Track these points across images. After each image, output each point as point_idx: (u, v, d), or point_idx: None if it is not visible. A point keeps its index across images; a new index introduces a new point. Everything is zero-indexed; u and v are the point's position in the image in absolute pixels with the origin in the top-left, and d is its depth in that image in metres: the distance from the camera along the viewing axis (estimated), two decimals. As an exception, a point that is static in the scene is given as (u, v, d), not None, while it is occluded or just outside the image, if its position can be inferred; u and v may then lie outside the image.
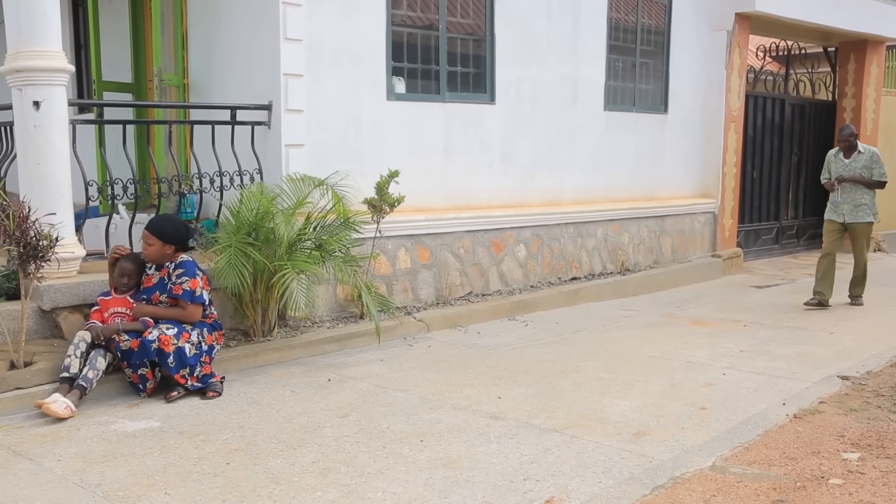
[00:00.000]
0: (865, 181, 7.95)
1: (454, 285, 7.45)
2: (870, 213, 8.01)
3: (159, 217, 5.30)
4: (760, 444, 4.18)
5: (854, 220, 7.99)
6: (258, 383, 5.23)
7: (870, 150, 8.05)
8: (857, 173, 7.98)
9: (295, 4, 6.31)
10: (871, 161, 7.98)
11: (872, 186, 7.99)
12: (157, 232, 5.04)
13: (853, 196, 8.00)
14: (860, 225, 8.01)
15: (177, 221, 5.31)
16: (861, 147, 8.05)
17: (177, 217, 5.58)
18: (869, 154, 8.00)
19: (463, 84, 7.60)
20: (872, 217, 8.03)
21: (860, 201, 8.00)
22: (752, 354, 6.08)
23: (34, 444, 4.11)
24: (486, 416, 4.61)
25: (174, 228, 5.14)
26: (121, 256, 5.15)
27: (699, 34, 9.96)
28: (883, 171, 7.98)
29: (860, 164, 8.01)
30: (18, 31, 5.16)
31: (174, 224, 5.21)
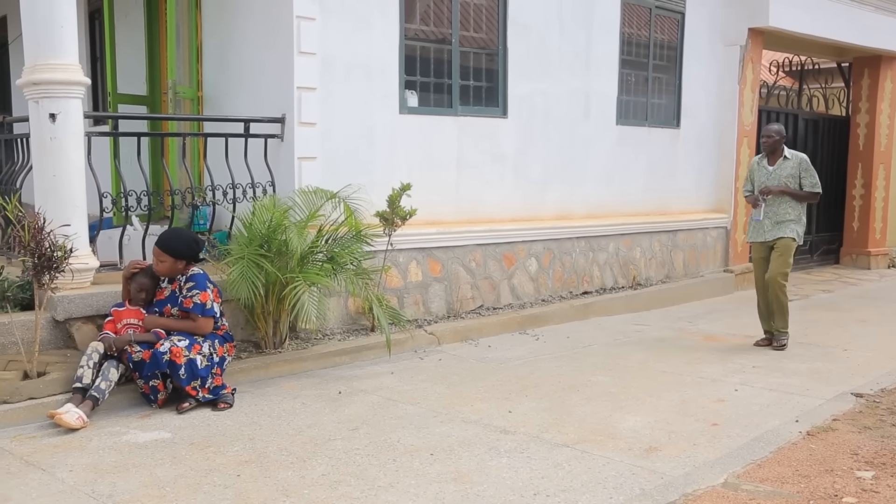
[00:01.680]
0: (794, 193, 6.75)
1: (465, 298, 7.45)
2: (795, 227, 6.76)
3: (169, 233, 5.27)
4: (773, 461, 4.15)
5: (776, 235, 6.77)
6: (269, 395, 5.23)
7: (798, 156, 6.85)
8: (783, 183, 6.77)
9: (309, 18, 6.35)
10: (800, 169, 6.75)
11: (803, 199, 6.80)
12: (167, 248, 5.04)
13: (776, 210, 6.78)
14: (782, 241, 6.75)
15: (186, 236, 5.26)
16: (788, 152, 6.85)
17: (187, 231, 5.55)
18: (797, 161, 6.79)
19: (475, 98, 7.62)
20: (797, 234, 6.75)
21: (784, 217, 6.75)
22: (764, 370, 6.05)
23: (47, 454, 4.12)
24: (497, 430, 4.60)
25: (184, 244, 5.11)
26: (138, 271, 5.17)
27: (712, 49, 9.95)
28: (815, 181, 6.74)
29: (786, 172, 6.78)
30: (36, 45, 5.21)
31: (184, 240, 5.16)
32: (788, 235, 6.73)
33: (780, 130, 6.89)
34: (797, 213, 6.79)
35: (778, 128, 6.90)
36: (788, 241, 6.74)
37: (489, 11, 7.67)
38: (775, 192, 6.73)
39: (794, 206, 6.77)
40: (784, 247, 6.75)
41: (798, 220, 6.80)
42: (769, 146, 6.84)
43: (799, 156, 6.85)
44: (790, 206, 6.76)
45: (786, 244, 6.74)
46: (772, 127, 6.90)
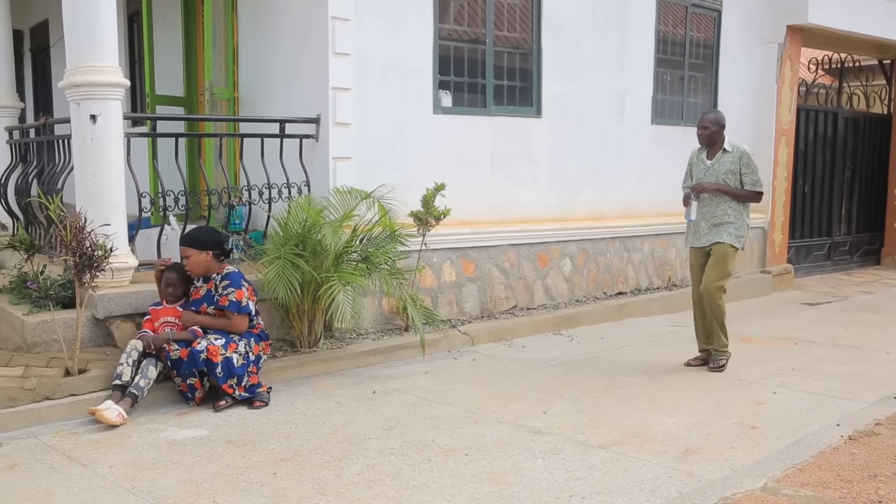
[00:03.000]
0: (732, 192, 5.91)
1: (499, 299, 7.44)
2: (735, 232, 5.93)
3: (189, 231, 5.34)
4: (814, 465, 4.09)
5: (713, 240, 5.96)
6: (304, 394, 5.27)
7: (739, 149, 5.97)
8: (721, 180, 5.94)
9: (343, 19, 6.39)
10: (740, 164, 5.92)
11: (742, 199, 5.96)
12: (190, 242, 5.10)
13: (713, 211, 5.95)
14: (719, 245, 5.93)
15: (207, 227, 5.33)
16: (728, 145, 5.99)
17: (206, 225, 5.58)
18: (737, 154, 5.94)
19: (509, 98, 7.60)
20: (737, 239, 5.94)
21: (722, 218, 5.93)
22: (803, 373, 5.95)
23: (88, 450, 4.19)
24: (532, 430, 4.59)
25: (205, 233, 5.18)
26: (165, 268, 5.24)
27: (749, 47, 9.83)
28: (756, 179, 5.91)
29: (724, 167, 5.94)
30: (78, 48, 5.30)
31: (204, 230, 5.27)
32: (725, 241, 5.90)
33: (717, 120, 5.98)
34: (737, 215, 5.95)
35: (714, 117, 6.00)
36: (725, 248, 5.91)
37: (523, 11, 7.64)
38: (710, 190, 5.91)
39: (734, 206, 5.94)
40: (720, 254, 5.93)
41: (738, 222, 5.94)
42: (705, 138, 5.99)
43: (740, 149, 5.98)
44: (729, 207, 5.93)
45: (722, 251, 5.92)
46: (707, 116, 6.03)
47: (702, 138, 6.01)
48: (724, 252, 5.92)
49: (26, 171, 6.97)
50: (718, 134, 5.98)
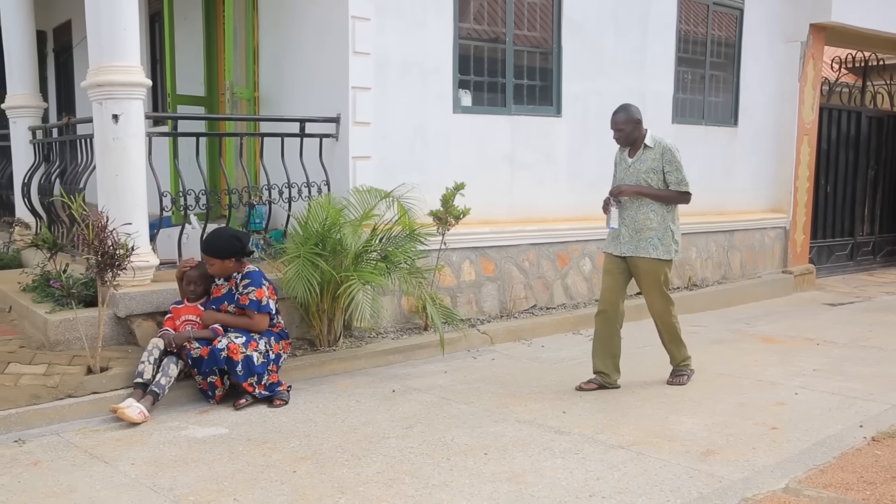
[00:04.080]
0: (654, 193, 5.26)
1: (518, 298, 7.42)
2: (658, 243, 5.27)
3: (210, 235, 5.25)
4: (836, 466, 4.05)
5: (635, 252, 5.31)
6: (324, 393, 5.28)
7: (661, 144, 5.29)
8: (642, 179, 5.31)
9: (364, 19, 6.40)
10: (663, 161, 5.25)
11: (667, 201, 5.30)
12: (211, 252, 5.07)
13: (634, 216, 5.30)
14: (643, 261, 5.30)
15: (227, 235, 5.19)
16: (650, 139, 5.31)
17: (226, 229, 5.47)
18: (659, 151, 5.27)
19: (529, 97, 7.58)
20: (662, 250, 5.28)
21: (644, 224, 5.28)
22: (825, 374, 5.90)
23: (110, 448, 4.22)
24: (551, 430, 4.57)
25: (225, 243, 5.09)
26: (188, 270, 5.26)
27: (772, 45, 9.75)
28: (681, 177, 5.26)
29: (645, 166, 5.29)
30: (100, 48, 5.34)
31: (224, 239, 5.13)
32: (650, 255, 5.27)
33: (628, 118, 5.29)
34: (660, 220, 5.27)
35: (625, 115, 5.30)
36: (653, 267, 5.29)
37: (543, 10, 7.62)
38: (629, 193, 5.27)
39: (658, 210, 5.27)
40: (651, 276, 5.33)
41: (661, 228, 5.28)
42: (622, 139, 5.36)
43: (663, 144, 5.29)
44: (651, 211, 5.27)
45: (651, 272, 5.31)
46: (617, 116, 5.33)
47: (619, 140, 5.39)
48: (655, 272, 5.32)
49: (49, 170, 7.05)
50: (636, 130, 5.32)
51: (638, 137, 5.34)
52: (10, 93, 7.93)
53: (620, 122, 5.31)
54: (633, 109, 5.34)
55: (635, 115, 5.31)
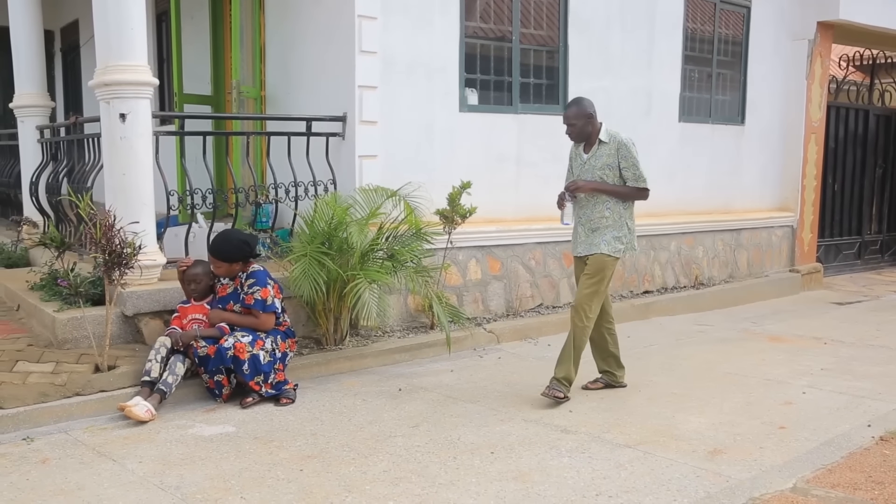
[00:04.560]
0: (610, 190, 5.08)
1: (525, 297, 7.42)
2: (612, 239, 5.09)
3: (219, 237, 5.19)
4: (844, 466, 4.03)
5: (588, 251, 5.15)
6: (330, 391, 5.29)
7: (617, 138, 5.07)
8: (597, 176, 5.10)
9: (370, 18, 6.40)
10: (619, 156, 5.05)
11: (624, 197, 5.13)
12: (218, 254, 5.06)
13: (590, 214, 5.14)
14: (595, 257, 5.11)
15: (236, 239, 5.13)
16: (605, 134, 5.10)
17: (236, 232, 5.37)
18: (615, 146, 5.06)
19: (535, 95, 7.57)
20: (613, 247, 5.08)
21: (600, 222, 5.10)
22: (833, 373, 5.88)
23: (117, 446, 4.24)
24: (557, 429, 4.57)
25: (235, 248, 5.06)
26: (185, 269, 5.26)
27: (778, 44, 9.72)
28: (638, 173, 5.06)
29: (601, 161, 5.09)
30: (108, 47, 5.35)
31: (234, 244, 5.08)
32: (602, 251, 5.07)
33: (579, 112, 5.07)
34: (617, 217, 5.11)
35: (576, 109, 5.09)
36: (601, 259, 5.07)
37: (550, 8, 7.61)
38: (586, 189, 5.09)
39: (614, 207, 5.09)
40: (596, 266, 5.07)
41: (617, 226, 5.11)
42: (575, 135, 5.17)
43: (618, 138, 5.07)
44: (607, 209, 5.09)
45: (598, 263, 5.07)
46: (569, 111, 5.14)
47: (571, 136, 5.20)
48: (601, 264, 5.07)
49: (57, 169, 7.07)
50: (588, 125, 5.10)
51: (592, 132, 5.13)
52: (18, 92, 7.96)
53: (571, 117, 5.11)
54: (586, 103, 5.13)
55: (587, 109, 5.09)
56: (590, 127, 5.11)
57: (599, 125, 5.13)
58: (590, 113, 5.09)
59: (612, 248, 5.08)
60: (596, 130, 5.12)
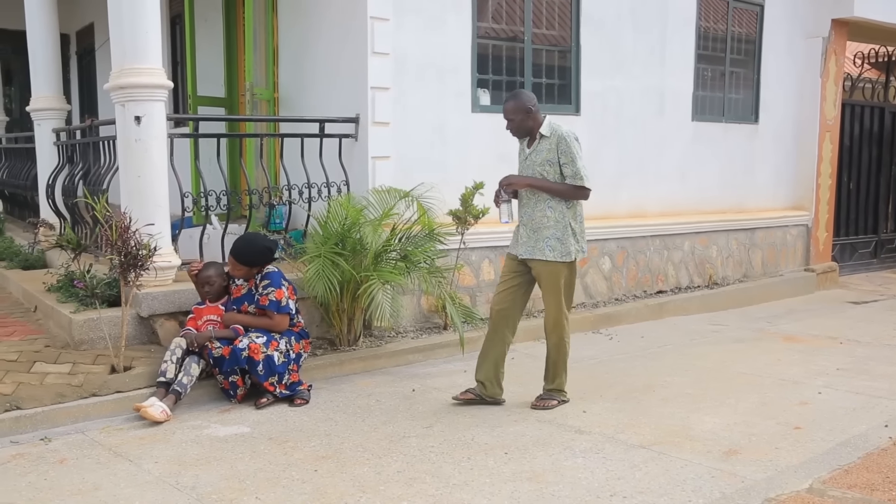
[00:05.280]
0: (546, 187, 4.76)
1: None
2: (556, 244, 4.76)
3: (243, 241, 5.24)
4: (861, 467, 4.01)
5: (531, 254, 4.82)
6: (344, 392, 5.30)
7: (558, 131, 4.75)
8: (537, 172, 4.81)
9: (382, 19, 6.41)
10: (558, 151, 4.73)
11: (561, 195, 4.76)
12: (240, 258, 5.10)
13: (531, 214, 4.84)
14: (539, 264, 4.82)
15: (260, 245, 5.18)
16: (547, 127, 4.80)
17: (260, 238, 5.42)
18: (555, 140, 4.74)
19: (548, 95, 7.57)
20: (561, 251, 4.76)
21: (541, 222, 4.79)
22: (850, 373, 5.85)
23: (133, 446, 4.27)
24: (571, 429, 4.57)
25: (258, 253, 5.12)
26: (198, 272, 5.29)
27: (792, 42, 9.67)
28: (576, 170, 4.70)
29: (541, 156, 4.80)
30: (123, 50, 5.39)
31: (257, 249, 5.14)
32: (548, 258, 4.76)
33: (517, 106, 4.81)
34: (559, 218, 4.76)
35: (514, 104, 4.83)
36: (552, 270, 4.78)
37: (562, 8, 7.61)
38: (520, 186, 4.83)
39: (556, 206, 4.76)
40: (548, 279, 4.81)
41: (558, 227, 4.76)
42: (515, 130, 4.90)
43: (559, 131, 4.75)
44: (549, 208, 4.77)
45: (550, 276, 4.79)
46: (507, 105, 4.87)
47: (511, 131, 4.93)
48: (553, 276, 4.80)
49: (73, 171, 7.12)
50: (528, 120, 4.82)
51: (532, 127, 4.84)
52: (35, 95, 8.02)
53: (509, 111, 4.84)
54: (524, 97, 4.86)
55: (525, 104, 4.81)
56: (530, 122, 4.83)
57: (543, 119, 4.86)
58: (528, 107, 4.81)
59: (559, 254, 4.77)
60: (538, 124, 4.84)
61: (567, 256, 4.78)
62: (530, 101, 4.84)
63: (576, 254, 4.83)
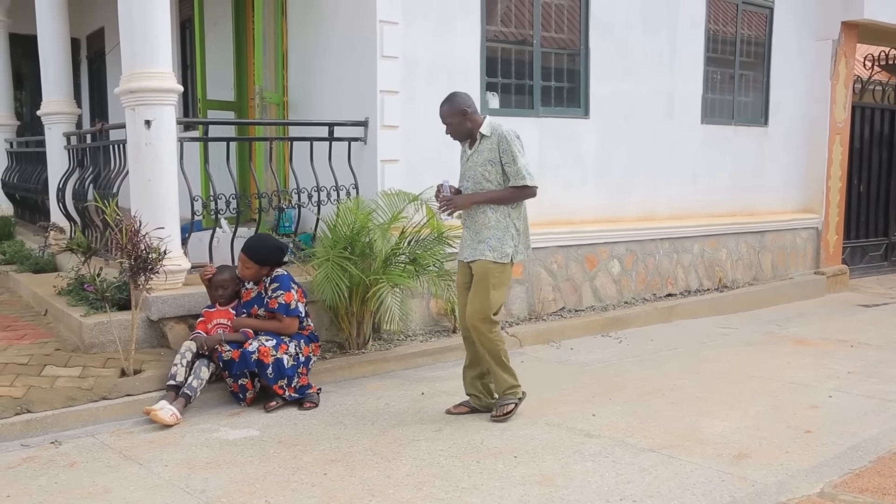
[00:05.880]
0: (486, 199, 4.65)
1: (547, 300, 7.40)
2: (497, 244, 4.62)
3: (255, 240, 5.32)
4: (873, 471, 3.99)
5: (473, 256, 4.69)
6: (353, 395, 5.30)
7: (498, 130, 4.63)
8: (478, 173, 4.67)
9: (392, 23, 6.42)
10: (500, 150, 4.61)
11: (508, 201, 4.65)
12: (254, 256, 5.13)
13: (474, 216, 4.71)
14: (476, 264, 4.67)
15: (272, 244, 5.26)
16: (487, 127, 4.67)
17: (272, 238, 5.52)
18: (496, 140, 4.61)
19: (557, 99, 7.57)
20: (499, 253, 4.62)
21: (483, 224, 4.67)
22: (860, 376, 5.82)
23: (143, 449, 4.28)
24: (581, 433, 4.56)
25: (270, 252, 5.17)
26: (211, 276, 5.32)
27: (802, 44, 9.65)
28: (518, 168, 4.57)
29: (482, 157, 4.67)
30: (133, 54, 5.41)
31: (270, 247, 5.20)
32: (486, 257, 4.62)
33: (453, 110, 4.67)
34: (500, 217, 4.64)
35: (449, 108, 4.69)
36: (485, 267, 4.62)
37: (571, 11, 7.61)
38: (462, 208, 4.74)
39: (498, 206, 4.66)
40: (479, 275, 4.64)
41: (502, 227, 4.64)
42: (451, 134, 4.79)
43: (499, 130, 4.62)
44: (491, 208, 4.65)
45: (482, 271, 4.63)
46: (441, 109, 4.75)
47: (450, 135, 4.82)
48: (484, 272, 4.62)
49: (83, 175, 7.14)
50: (465, 122, 4.70)
51: (472, 128, 4.71)
52: (46, 99, 8.06)
53: (445, 115, 4.73)
54: (459, 99, 4.71)
55: (460, 106, 4.67)
56: (468, 123, 4.70)
57: (482, 119, 4.72)
58: (463, 109, 4.67)
59: (497, 255, 4.62)
60: (477, 125, 4.70)
61: (504, 258, 4.64)
62: (465, 102, 4.70)
63: (514, 255, 4.69)
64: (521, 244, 4.74)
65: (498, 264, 4.64)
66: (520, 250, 4.74)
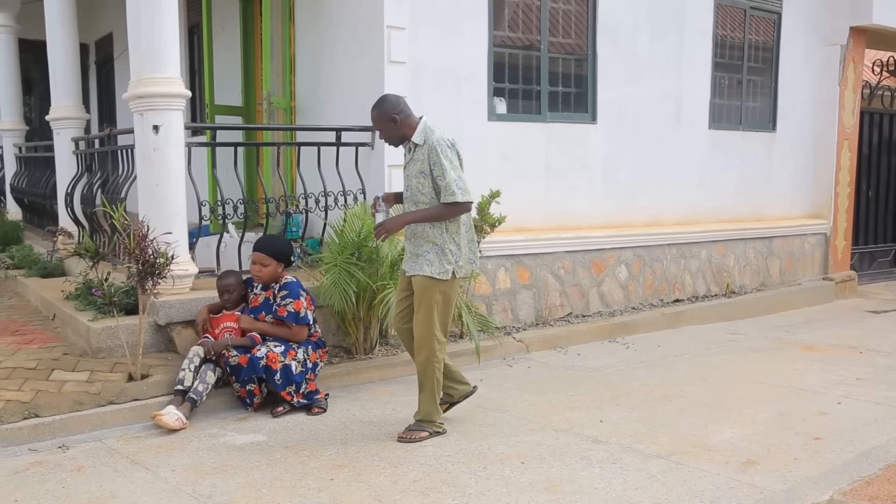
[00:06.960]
0: (417, 218, 4.38)
1: (554, 306, 7.39)
2: (435, 258, 4.36)
3: (266, 237, 5.39)
4: (882, 478, 3.96)
5: (412, 270, 4.45)
6: (360, 400, 5.30)
7: (429, 140, 4.30)
8: (413, 185, 4.40)
9: (399, 27, 6.43)
10: (430, 163, 4.29)
11: (438, 219, 4.35)
12: (272, 253, 5.13)
13: (414, 228, 4.45)
14: (416, 280, 4.42)
15: (283, 239, 5.41)
16: (420, 134, 4.34)
17: (279, 235, 5.63)
18: (426, 149, 4.31)
19: (564, 104, 7.56)
20: (437, 267, 4.35)
21: (422, 236, 4.40)
22: (869, 383, 5.79)
23: (150, 454, 4.28)
24: (588, 439, 4.54)
25: (283, 245, 5.27)
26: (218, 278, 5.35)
27: (810, 49, 9.63)
28: (447, 182, 4.24)
29: (416, 168, 4.37)
30: (141, 59, 5.43)
31: (282, 241, 5.35)
32: (425, 272, 4.36)
33: (381, 114, 4.40)
34: (439, 231, 4.36)
35: (376, 114, 4.42)
36: (424, 283, 4.37)
37: (578, 16, 7.61)
38: (394, 232, 4.53)
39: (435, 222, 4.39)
40: (420, 292, 4.39)
41: (441, 240, 4.36)
42: (385, 139, 4.52)
43: (430, 140, 4.30)
44: (428, 224, 4.39)
45: (421, 288, 4.38)
46: (371, 115, 4.50)
47: (385, 141, 4.57)
48: (423, 289, 4.37)
49: (91, 180, 7.17)
50: (397, 128, 4.40)
51: (405, 134, 4.40)
52: (55, 104, 8.09)
53: (374, 122, 4.48)
54: (387, 105, 4.40)
55: (388, 112, 4.37)
56: (401, 129, 4.39)
57: (417, 122, 4.39)
58: (391, 116, 4.37)
59: (436, 270, 4.36)
60: (412, 130, 4.38)
61: (444, 274, 4.36)
62: (395, 108, 4.39)
63: (456, 271, 4.40)
64: (461, 259, 4.43)
65: (436, 280, 4.37)
66: (462, 266, 4.44)
